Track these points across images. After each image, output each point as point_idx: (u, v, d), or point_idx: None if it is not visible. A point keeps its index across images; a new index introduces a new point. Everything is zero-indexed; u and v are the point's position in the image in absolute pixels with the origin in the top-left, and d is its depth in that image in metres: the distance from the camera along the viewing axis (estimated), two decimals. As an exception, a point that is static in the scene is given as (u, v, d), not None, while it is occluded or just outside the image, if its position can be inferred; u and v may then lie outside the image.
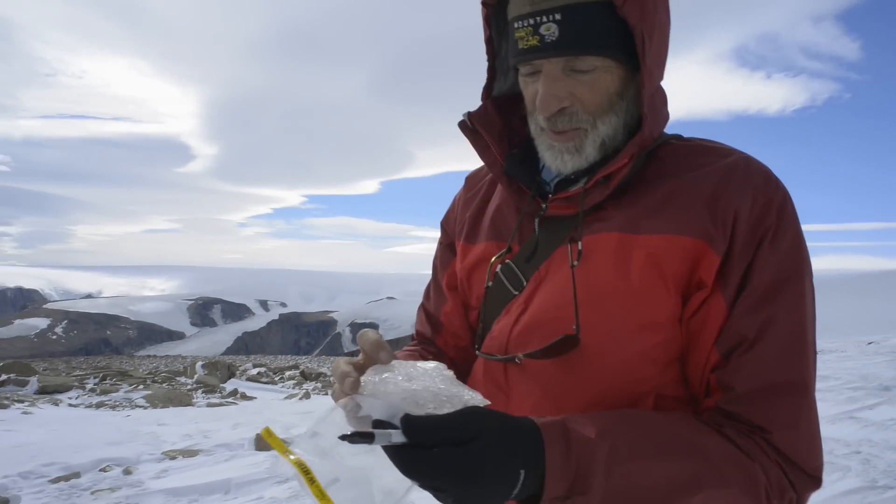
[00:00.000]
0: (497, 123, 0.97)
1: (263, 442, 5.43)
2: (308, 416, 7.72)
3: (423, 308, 1.17)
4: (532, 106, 0.89)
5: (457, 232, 1.09)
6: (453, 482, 0.61)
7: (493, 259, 0.95)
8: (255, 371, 18.77)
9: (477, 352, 0.95)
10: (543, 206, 0.92)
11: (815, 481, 0.77)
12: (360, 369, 0.72)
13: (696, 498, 0.71)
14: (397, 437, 0.61)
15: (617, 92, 0.85)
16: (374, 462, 0.61)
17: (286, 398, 11.81)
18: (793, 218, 0.81)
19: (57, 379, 13.80)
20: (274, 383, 16.28)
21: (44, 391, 12.05)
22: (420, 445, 0.61)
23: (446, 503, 0.64)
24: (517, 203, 0.95)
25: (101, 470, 4.57)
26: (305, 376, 18.17)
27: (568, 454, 0.66)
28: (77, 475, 4.38)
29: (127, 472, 4.52)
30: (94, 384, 13.97)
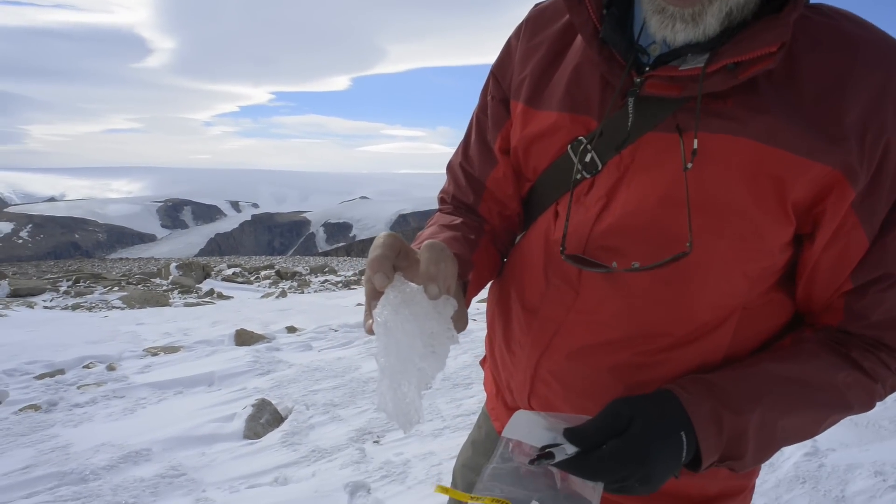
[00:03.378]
0: None
1: (243, 337, 5.58)
2: (285, 313, 7.89)
3: (462, 169, 1.00)
4: None
5: (514, 88, 0.91)
6: (632, 465, 0.66)
7: (581, 146, 0.80)
8: (230, 271, 18.85)
9: (563, 256, 0.80)
10: (637, 80, 0.74)
11: None
12: (396, 255, 0.66)
13: (823, 425, 0.78)
14: (570, 448, 0.69)
15: None
16: (415, 311, 0.63)
17: (263, 297, 11.98)
18: None
19: (29, 282, 13.70)
20: (250, 283, 16.44)
21: (16, 294, 11.99)
22: (591, 448, 0.68)
23: (633, 490, 0.69)
24: (605, 71, 0.78)
25: (84, 366, 4.67)
26: (281, 275, 18.35)
27: (720, 432, 0.70)
28: (62, 372, 4.48)
29: (111, 368, 4.63)
30: (68, 287, 13.93)
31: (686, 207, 0.71)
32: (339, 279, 17.80)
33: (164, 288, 14.40)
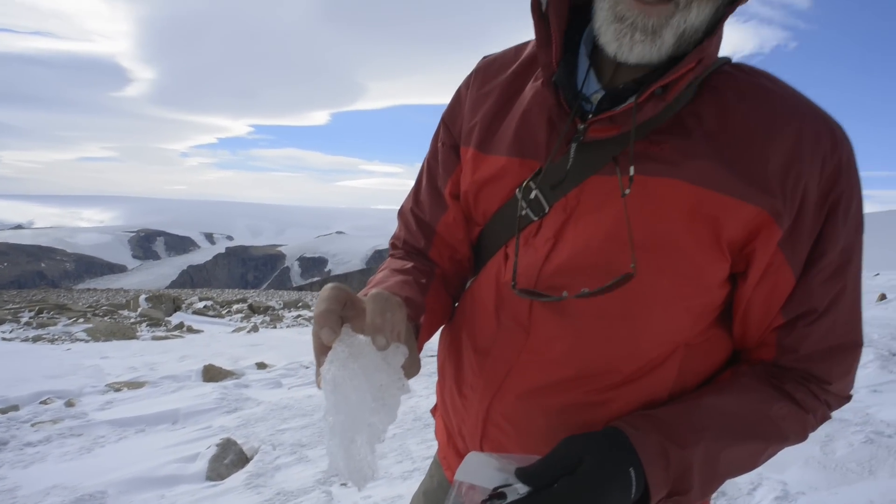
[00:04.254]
0: (565, 15, 0.82)
1: (211, 373, 5.43)
2: (256, 348, 7.73)
3: (413, 214, 1.02)
4: None
5: (464, 135, 0.94)
6: (583, 503, 0.66)
7: (524, 183, 0.83)
8: (201, 304, 18.49)
9: (515, 290, 0.83)
10: (581, 127, 0.79)
11: (849, 399, 0.85)
12: (342, 307, 0.66)
13: (761, 457, 0.80)
14: (522, 488, 0.69)
15: None
16: (364, 365, 0.62)
17: (234, 331, 11.74)
18: (857, 175, 0.78)
19: (-12, 312, 13.23)
20: (221, 317, 16.12)
21: (-26, 325, 11.56)
22: (543, 487, 0.68)
23: None
24: (552, 116, 0.83)
25: (41, 402, 4.48)
26: (253, 309, 18.05)
27: (667, 466, 0.71)
28: (16, 408, 4.28)
29: (69, 404, 4.45)
30: (30, 318, 13.47)
31: (629, 241, 0.75)
32: (312, 314, 17.53)
33: (132, 320, 14.03)
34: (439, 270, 0.98)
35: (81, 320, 13.12)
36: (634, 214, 0.75)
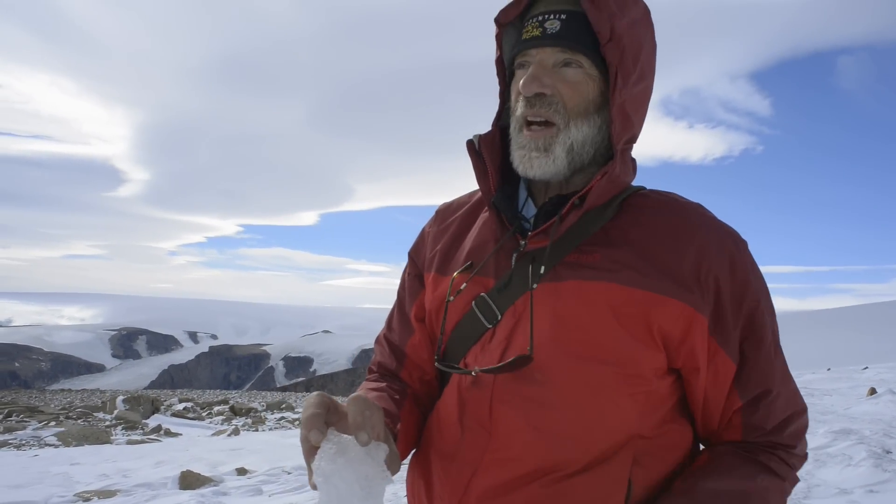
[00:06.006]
0: (498, 154, 0.99)
1: (188, 480, 5.19)
2: (236, 452, 7.42)
3: (386, 339, 1.14)
4: (516, 99, 0.93)
5: (426, 264, 1.08)
6: None
7: (454, 274, 0.97)
8: (181, 406, 17.86)
9: (438, 364, 0.95)
10: (523, 242, 0.93)
11: (807, 457, 0.95)
12: (327, 411, 0.74)
13: None
14: None
15: (594, 101, 0.90)
16: (350, 459, 0.69)
17: (214, 434, 11.30)
18: (758, 267, 0.93)
19: (-45, 416, 12.64)
20: (201, 419, 15.55)
21: (-61, 429, 11.01)
22: None
23: None
24: (498, 233, 0.97)
25: (3, 514, 4.23)
26: (235, 412, 17.45)
27: None
28: (-24, 520, 4.04)
29: (34, 515, 4.20)
30: (-1, 421, 12.88)
31: (530, 329, 0.86)
32: (296, 416, 16.98)
33: (107, 423, 13.47)
34: (411, 390, 1.06)
35: (52, 424, 12.58)
36: (574, 315, 0.87)
